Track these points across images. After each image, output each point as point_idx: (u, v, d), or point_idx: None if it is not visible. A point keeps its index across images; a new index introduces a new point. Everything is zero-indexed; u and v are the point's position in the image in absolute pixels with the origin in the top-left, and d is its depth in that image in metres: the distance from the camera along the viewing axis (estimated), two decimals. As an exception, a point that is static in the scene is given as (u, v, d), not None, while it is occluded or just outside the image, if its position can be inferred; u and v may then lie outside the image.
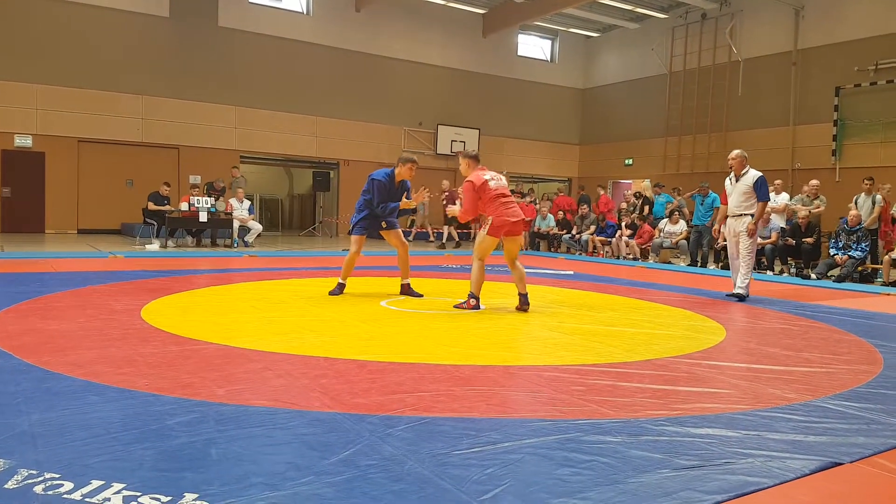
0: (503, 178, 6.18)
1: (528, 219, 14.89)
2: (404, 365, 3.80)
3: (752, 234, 7.29)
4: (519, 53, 22.61)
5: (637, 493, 2.15)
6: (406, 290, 6.82)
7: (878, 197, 10.80)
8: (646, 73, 21.36)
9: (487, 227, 5.92)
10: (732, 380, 3.76)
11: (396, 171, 6.60)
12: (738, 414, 3.08)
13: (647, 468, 2.37)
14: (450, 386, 3.38)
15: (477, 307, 5.95)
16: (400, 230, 6.89)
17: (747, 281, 7.40)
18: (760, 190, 7.30)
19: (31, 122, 15.60)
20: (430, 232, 17.30)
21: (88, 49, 15.98)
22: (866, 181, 11.01)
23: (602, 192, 16.80)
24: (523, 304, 6.01)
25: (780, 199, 11.51)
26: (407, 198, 6.69)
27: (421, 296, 6.69)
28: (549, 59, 23.49)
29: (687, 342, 4.84)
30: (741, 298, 7.32)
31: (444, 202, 16.14)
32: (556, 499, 2.09)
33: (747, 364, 4.22)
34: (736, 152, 7.50)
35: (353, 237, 6.80)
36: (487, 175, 6.02)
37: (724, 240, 7.73)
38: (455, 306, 6.06)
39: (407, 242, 6.90)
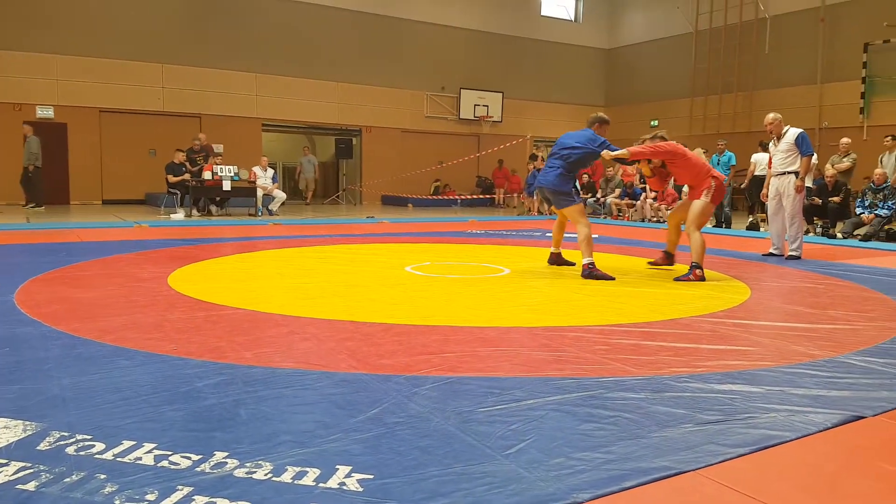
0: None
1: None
2: (429, 327, 3.82)
3: (799, 190, 7.30)
4: (542, 13, 22.20)
5: (660, 447, 2.17)
6: (556, 260, 6.58)
7: None
8: (671, 31, 20.89)
9: (711, 193, 5.90)
10: (757, 337, 3.74)
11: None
12: (762, 370, 3.07)
13: (670, 423, 2.38)
14: (474, 347, 3.41)
15: (702, 278, 5.73)
16: None
17: (800, 240, 7.43)
18: (803, 145, 7.27)
19: (52, 93, 15.73)
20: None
21: (107, 18, 16.01)
22: (887, 138, 10.88)
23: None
24: (670, 260, 6.51)
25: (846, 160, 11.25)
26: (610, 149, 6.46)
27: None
28: (573, 19, 23.03)
29: (711, 301, 4.81)
30: (796, 258, 7.37)
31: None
32: (579, 452, 2.11)
33: (772, 322, 4.20)
34: (770, 116, 7.48)
35: (578, 206, 6.21)
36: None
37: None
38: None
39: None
